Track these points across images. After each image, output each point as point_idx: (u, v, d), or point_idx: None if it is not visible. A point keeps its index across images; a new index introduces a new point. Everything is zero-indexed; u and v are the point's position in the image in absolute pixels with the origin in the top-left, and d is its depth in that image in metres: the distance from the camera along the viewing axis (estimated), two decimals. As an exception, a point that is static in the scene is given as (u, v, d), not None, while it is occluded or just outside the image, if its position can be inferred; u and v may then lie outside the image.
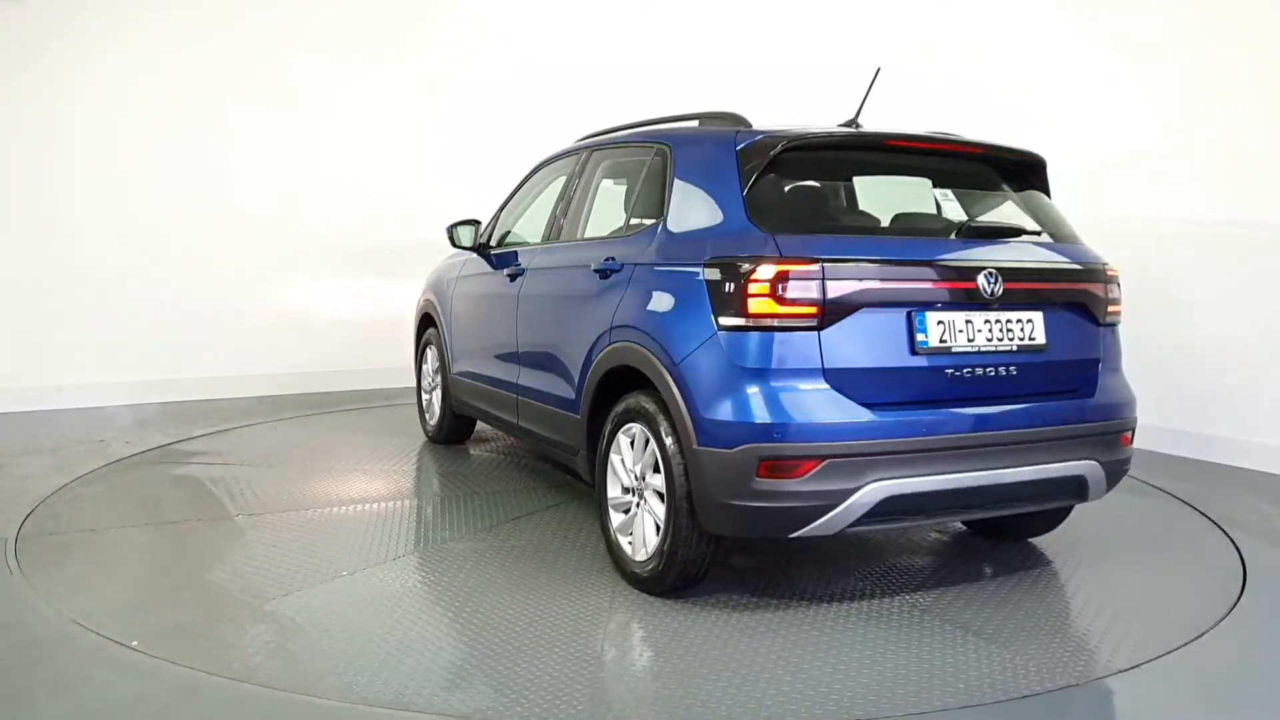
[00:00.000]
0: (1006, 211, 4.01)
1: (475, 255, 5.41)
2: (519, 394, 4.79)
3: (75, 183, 7.25)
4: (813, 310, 3.17)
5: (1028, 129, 6.94)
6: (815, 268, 3.18)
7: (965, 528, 4.45)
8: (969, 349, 3.38)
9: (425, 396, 6.36)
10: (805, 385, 3.17)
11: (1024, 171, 4.00)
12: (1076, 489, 3.62)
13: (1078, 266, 3.72)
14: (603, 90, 8.61)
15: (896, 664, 3.04)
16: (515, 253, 4.99)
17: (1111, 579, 3.92)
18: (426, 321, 6.24)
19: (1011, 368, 3.46)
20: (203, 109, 7.67)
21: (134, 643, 3.11)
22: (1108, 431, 3.64)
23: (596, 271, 3.99)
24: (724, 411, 3.20)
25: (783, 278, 3.16)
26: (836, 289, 3.20)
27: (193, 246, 7.68)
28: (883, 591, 3.68)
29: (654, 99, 7.16)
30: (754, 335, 3.19)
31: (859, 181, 4.12)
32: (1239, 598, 3.66)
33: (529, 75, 8.91)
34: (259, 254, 7.97)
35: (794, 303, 3.17)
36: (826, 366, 3.18)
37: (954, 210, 3.90)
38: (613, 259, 3.92)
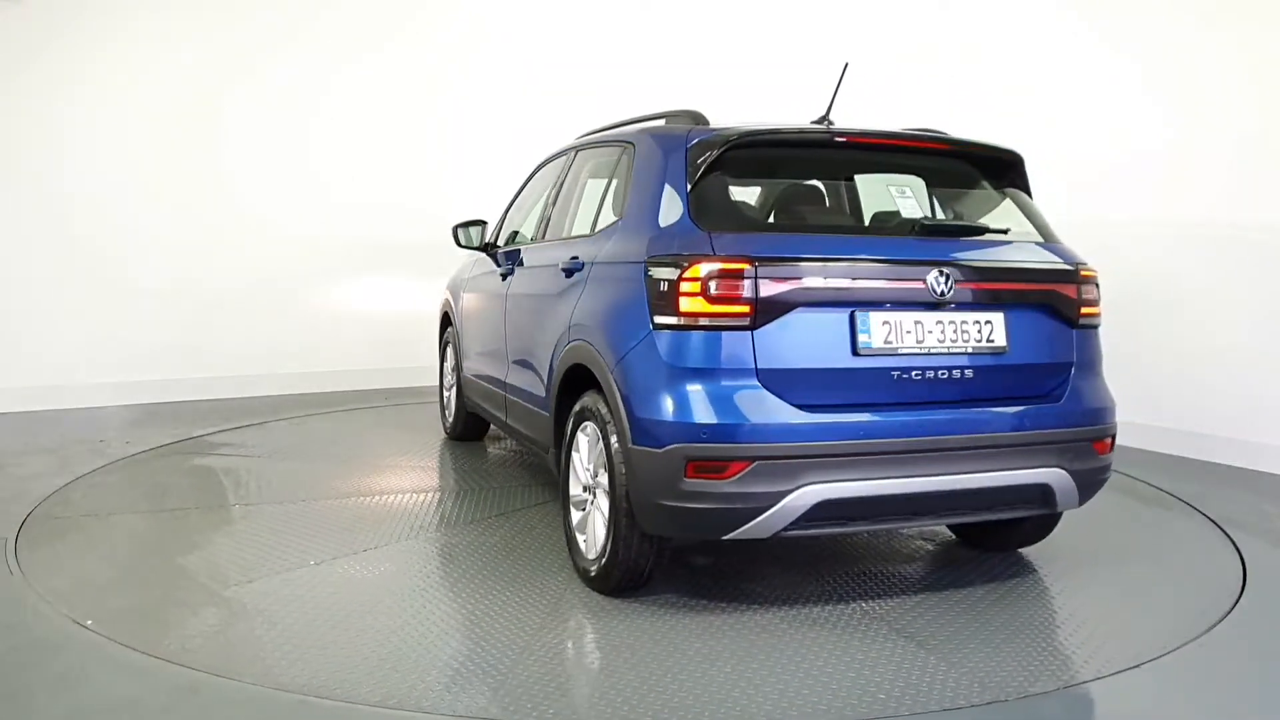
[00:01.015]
0: (974, 209, 3.92)
1: (484, 255, 5.45)
2: (507, 392, 4.85)
3: (75, 182, 7.24)
4: (745, 310, 3.13)
5: (1028, 129, 6.94)
6: (747, 266, 3.14)
7: (954, 536, 4.33)
8: (917, 351, 3.27)
9: (445, 394, 6.48)
10: (736, 385, 3.12)
11: (999, 169, 3.89)
12: (1042, 498, 3.48)
13: (1045, 266, 3.59)
14: (606, 89, 8.60)
15: (830, 670, 2.96)
16: (509, 252, 5.05)
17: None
18: (445, 320, 6.37)
19: (968, 371, 3.33)
20: (203, 108, 7.68)
21: (89, 621, 3.24)
22: (1077, 439, 3.48)
23: (563, 270, 4.03)
24: (654, 410, 3.18)
25: (714, 276, 3.13)
26: (771, 288, 3.15)
27: (194, 246, 7.68)
28: (841, 597, 3.59)
29: (655, 99, 7.15)
30: (686, 334, 3.17)
31: (821, 179, 4.08)
32: (1239, 598, 3.66)
33: (530, 74, 8.91)
34: (260, 253, 7.97)
35: (725, 301, 3.13)
36: (760, 367, 3.13)
37: (911, 208, 3.76)
38: (576, 258, 3.95)
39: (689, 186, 3.40)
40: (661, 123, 3.95)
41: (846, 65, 3.95)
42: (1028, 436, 3.40)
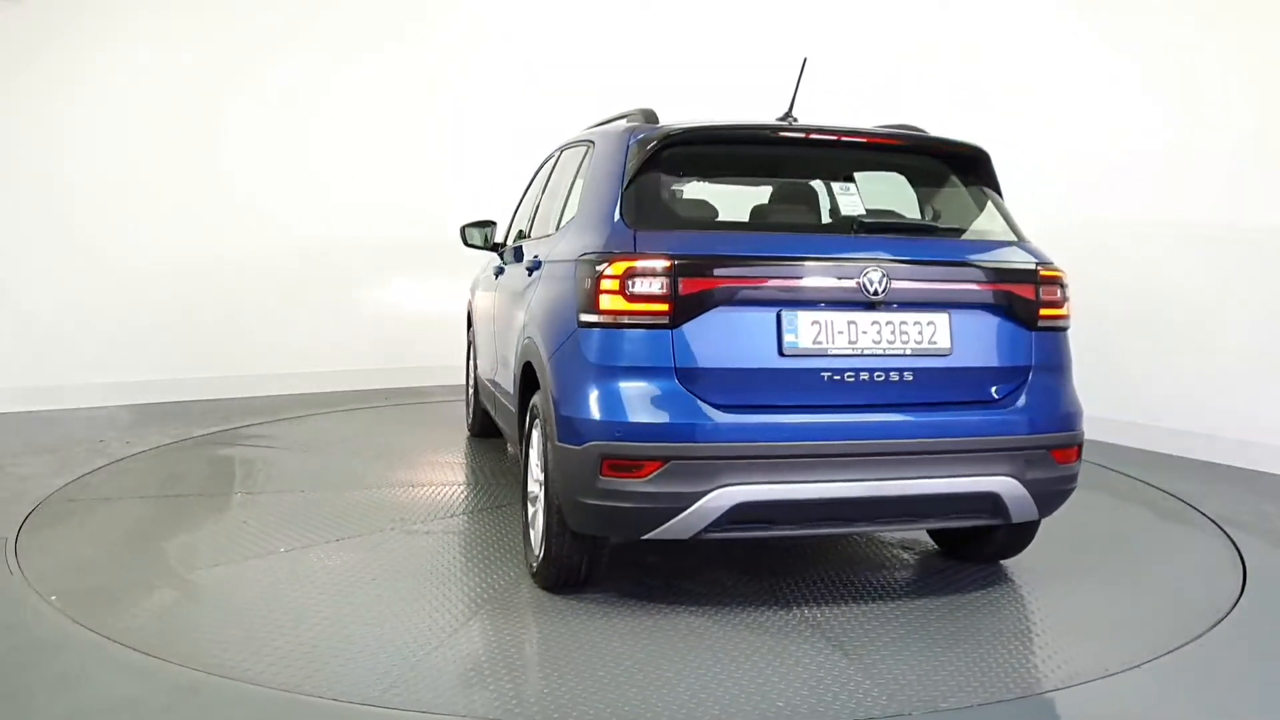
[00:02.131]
0: (934, 207, 3.85)
1: (495, 255, 5.50)
2: (495, 389, 4.96)
3: (75, 182, 7.24)
4: (664, 308, 3.10)
5: (1028, 129, 6.95)
6: (666, 264, 3.11)
7: (935, 545, 4.19)
8: (849, 352, 3.18)
9: (468, 391, 6.59)
10: (654, 384, 3.10)
11: (963, 165, 3.77)
12: (993, 508, 3.32)
13: (999, 265, 3.45)
14: (606, 89, 8.58)
15: (738, 676, 2.92)
16: (504, 251, 5.11)
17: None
18: (469, 320, 6.47)
19: (907, 373, 3.23)
20: (204, 108, 7.67)
21: (53, 597, 3.42)
22: (1030, 446, 3.33)
23: (527, 269, 4.08)
24: (574, 408, 3.19)
25: (632, 274, 3.12)
26: (691, 286, 3.12)
27: (194, 246, 7.68)
28: (787, 602, 3.51)
29: (656, 98, 7.15)
30: (606, 332, 3.16)
31: (767, 176, 4.05)
32: (1239, 598, 3.66)
33: (531, 74, 8.90)
34: (260, 253, 7.97)
35: (644, 300, 3.11)
36: (679, 365, 3.10)
37: (853, 205, 3.64)
38: (536, 256, 3.99)
39: (624, 184, 3.40)
40: (624, 122, 3.94)
41: (805, 60, 3.92)
42: (972, 443, 3.27)
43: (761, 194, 4.06)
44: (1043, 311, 3.44)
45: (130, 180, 7.43)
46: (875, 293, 3.20)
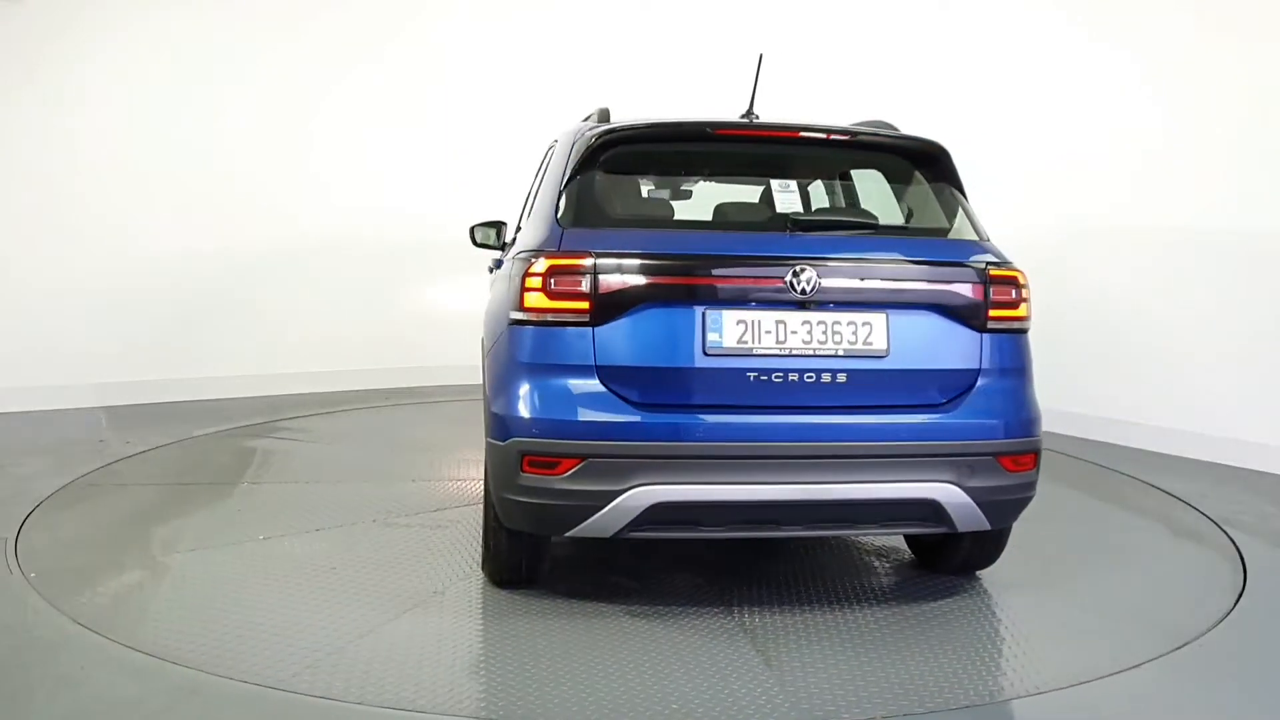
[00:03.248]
0: (887, 204, 3.78)
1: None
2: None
3: (75, 182, 7.23)
4: (584, 306, 3.11)
5: (1027, 129, 6.95)
6: (586, 262, 3.12)
7: (912, 554, 4.09)
8: (777, 352, 3.12)
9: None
10: (574, 382, 3.11)
11: (922, 162, 3.67)
12: (934, 515, 3.21)
13: (942, 264, 3.32)
14: (608, 88, 8.58)
15: (642, 677, 2.92)
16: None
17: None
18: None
19: (839, 375, 3.14)
20: (204, 108, 7.67)
21: (32, 574, 3.61)
22: (973, 453, 3.20)
23: (490, 268, 4.18)
24: (500, 404, 3.22)
25: (554, 272, 3.13)
26: (612, 284, 3.11)
27: (194, 246, 7.67)
28: (738, 607, 3.48)
29: (656, 97, 7.16)
30: (530, 329, 3.18)
31: (712, 174, 4.04)
32: (1239, 598, 3.66)
33: (537, 67, 8.90)
34: (261, 253, 7.96)
35: (565, 297, 3.12)
36: (600, 364, 3.10)
37: (790, 202, 3.58)
38: (501, 256, 4.06)
39: (564, 182, 3.44)
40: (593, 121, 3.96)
41: (761, 56, 3.90)
42: (909, 448, 3.17)
43: (706, 192, 4.06)
44: (993, 313, 3.30)
45: (130, 180, 7.42)
46: (803, 292, 3.13)
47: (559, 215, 3.35)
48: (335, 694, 2.77)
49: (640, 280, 3.13)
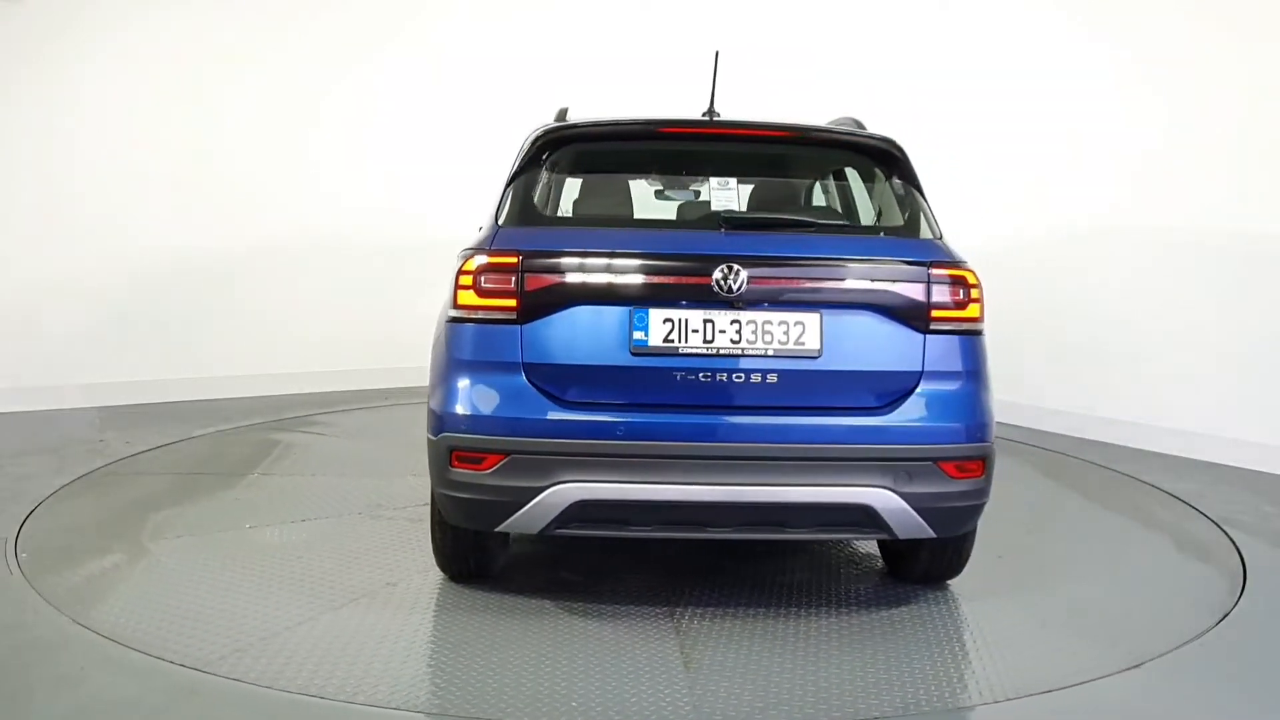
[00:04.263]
0: (834, 201, 3.74)
1: None
2: None
3: (75, 182, 7.22)
4: (511, 303, 3.15)
5: (1026, 129, 6.95)
6: (513, 261, 3.16)
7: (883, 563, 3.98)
8: (704, 351, 3.10)
9: None
10: (500, 379, 3.15)
11: (876, 160, 3.62)
12: (869, 521, 3.13)
13: (881, 264, 3.24)
14: (612, 87, 8.58)
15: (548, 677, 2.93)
16: None
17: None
18: None
19: (770, 375, 3.11)
20: (204, 108, 7.66)
21: (24, 554, 3.77)
22: (910, 458, 3.12)
23: None
24: (433, 400, 3.27)
25: (483, 270, 3.19)
26: (539, 282, 3.15)
27: (194, 246, 7.66)
28: (682, 607, 3.47)
29: (657, 97, 7.15)
30: (462, 327, 3.24)
31: (656, 172, 4.05)
32: (1239, 598, 3.66)
33: (532, 72, 8.89)
34: (261, 253, 7.95)
35: (493, 295, 3.17)
36: (527, 361, 3.14)
37: (727, 200, 3.54)
38: None
39: (507, 182, 3.49)
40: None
41: (718, 53, 3.89)
42: (841, 450, 3.11)
43: (650, 191, 4.08)
44: (936, 313, 3.21)
45: (130, 179, 7.41)
46: (730, 290, 3.10)
47: (499, 215, 3.42)
48: (250, 679, 2.84)
49: (567, 279, 3.17)
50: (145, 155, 7.48)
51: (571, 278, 3.16)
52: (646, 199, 3.96)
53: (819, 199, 4.04)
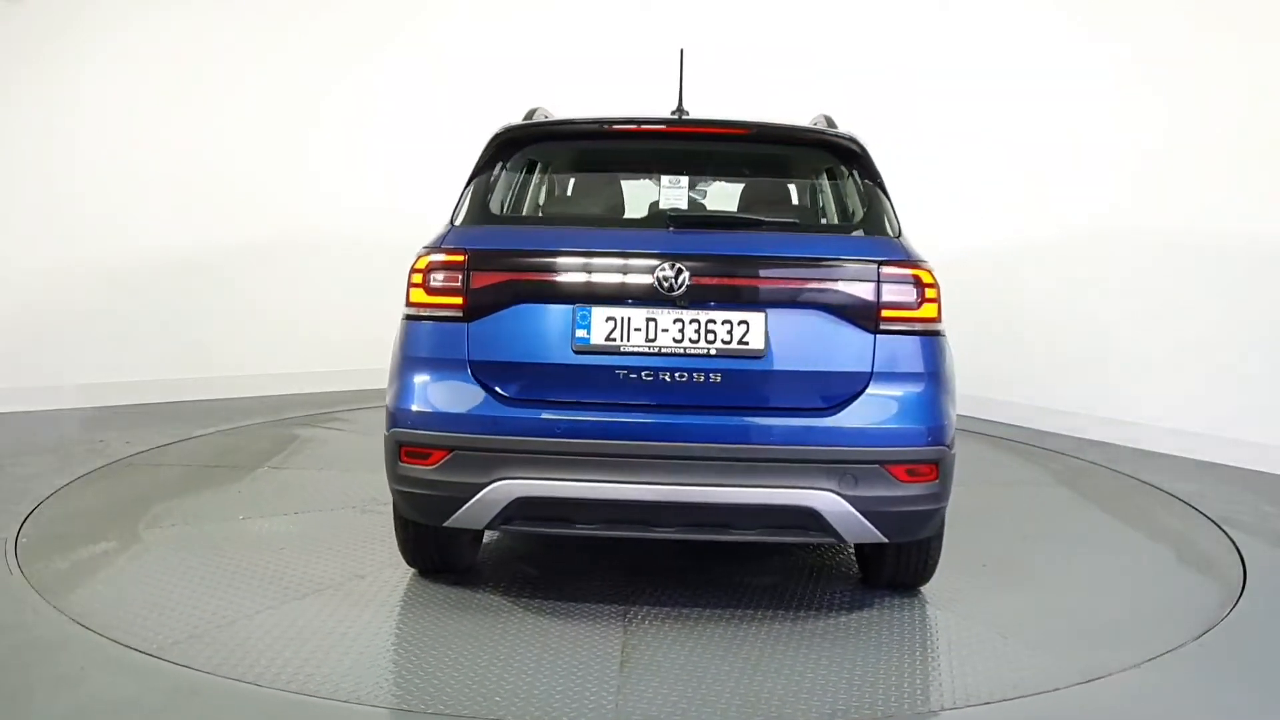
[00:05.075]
0: (796, 200, 3.71)
1: None
2: None
3: (75, 182, 7.23)
4: (458, 301, 3.20)
5: (1027, 129, 6.95)
6: (460, 259, 3.21)
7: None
8: (646, 350, 3.09)
9: None
10: (446, 376, 3.20)
11: (839, 157, 3.57)
12: (814, 523, 3.07)
13: (830, 262, 3.18)
14: (612, 87, 8.58)
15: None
16: None
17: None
18: None
19: (713, 375, 3.09)
20: (205, 107, 7.66)
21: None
22: (855, 460, 3.06)
23: None
24: (388, 396, 3.31)
25: (432, 268, 3.25)
26: (485, 280, 3.19)
27: (194, 245, 7.66)
28: (637, 605, 3.46)
29: (657, 97, 7.14)
30: (413, 324, 3.31)
31: (614, 171, 4.05)
32: (1239, 598, 3.66)
33: (532, 72, 8.89)
34: (261, 253, 7.95)
35: (441, 293, 3.23)
36: (473, 359, 3.17)
37: (676, 199, 3.52)
38: None
39: (468, 181, 3.54)
40: None
41: (683, 51, 3.90)
42: (784, 452, 3.06)
43: (603, 188, 4.06)
44: (886, 313, 3.14)
45: (130, 179, 7.41)
46: (672, 289, 3.09)
47: (455, 214, 3.47)
48: (197, 664, 2.93)
49: (512, 277, 3.21)
50: (145, 155, 7.47)
51: (516, 276, 3.21)
52: (604, 197, 3.99)
53: (779, 197, 4.01)
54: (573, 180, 4.07)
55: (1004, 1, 7.26)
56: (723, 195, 4.07)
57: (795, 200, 3.89)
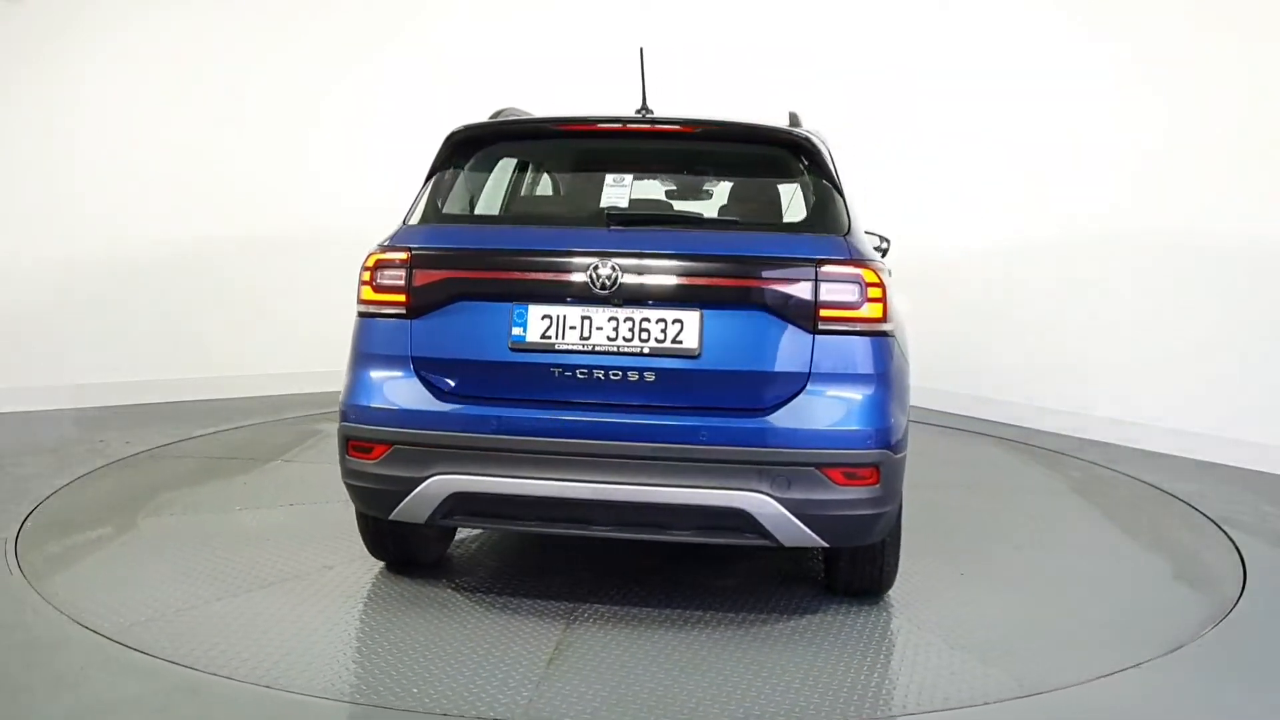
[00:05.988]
0: (749, 199, 3.71)
1: None
2: None
3: (75, 181, 7.23)
4: (401, 299, 3.26)
5: (1027, 129, 6.95)
6: (403, 257, 3.27)
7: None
8: (579, 348, 3.10)
9: None
10: (390, 372, 3.27)
11: (792, 153, 3.51)
12: (748, 526, 3.02)
13: (768, 261, 3.14)
14: (612, 86, 8.57)
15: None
16: None
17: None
18: None
19: (647, 374, 3.07)
20: (205, 107, 7.66)
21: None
22: (788, 461, 3.00)
23: None
24: (342, 393, 3.39)
25: (378, 266, 3.32)
26: (426, 278, 3.25)
27: (194, 245, 7.66)
28: (590, 603, 3.46)
29: (657, 97, 7.14)
30: (362, 321, 3.40)
31: (570, 169, 4.06)
32: (1239, 598, 3.66)
33: (532, 72, 8.90)
34: (261, 252, 7.95)
35: (386, 291, 3.29)
36: (415, 355, 3.24)
37: (618, 197, 3.52)
38: None
39: (429, 179, 3.59)
40: None
41: (642, 49, 3.90)
42: (715, 452, 3.01)
43: (556, 187, 4.11)
44: (824, 313, 3.06)
45: (130, 179, 7.41)
46: (606, 287, 3.08)
47: (409, 213, 3.52)
48: (145, 647, 3.00)
49: (452, 275, 3.26)
50: (145, 154, 7.47)
51: (456, 274, 3.26)
52: (557, 197, 4.02)
53: (731, 194, 3.97)
54: (526, 179, 4.10)
55: (1004, 1, 7.26)
56: (718, 196, 4.05)
57: (749, 198, 3.82)
